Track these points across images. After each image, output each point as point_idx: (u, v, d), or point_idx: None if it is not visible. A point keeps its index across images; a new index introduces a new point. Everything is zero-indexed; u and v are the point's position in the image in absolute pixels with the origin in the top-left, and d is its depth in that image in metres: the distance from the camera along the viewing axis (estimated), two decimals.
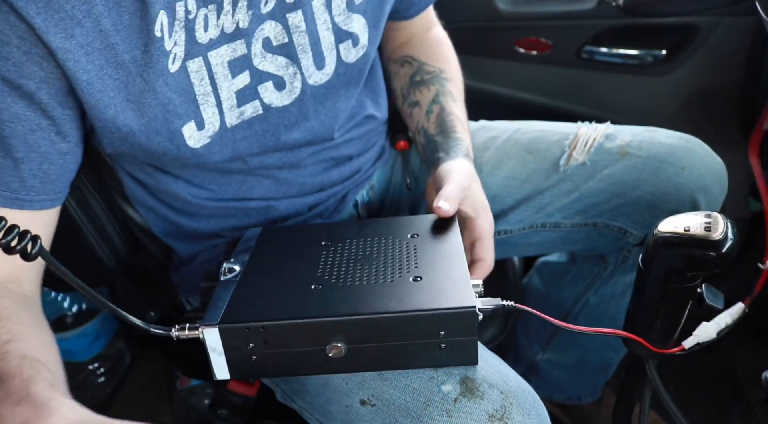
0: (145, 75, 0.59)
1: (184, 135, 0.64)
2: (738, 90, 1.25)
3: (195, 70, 0.62)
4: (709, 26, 1.22)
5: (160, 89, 0.60)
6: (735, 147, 1.27)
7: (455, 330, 0.53)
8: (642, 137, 0.84)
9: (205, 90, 0.63)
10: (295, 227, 0.79)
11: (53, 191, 0.62)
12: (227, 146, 0.68)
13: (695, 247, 0.56)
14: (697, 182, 0.79)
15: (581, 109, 1.35)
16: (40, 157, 0.59)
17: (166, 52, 0.59)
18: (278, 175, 0.77)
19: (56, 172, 0.61)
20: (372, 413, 0.59)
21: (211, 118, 0.65)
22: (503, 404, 0.55)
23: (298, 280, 0.59)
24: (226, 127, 0.66)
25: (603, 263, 0.94)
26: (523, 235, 0.89)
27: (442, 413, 0.55)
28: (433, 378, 0.57)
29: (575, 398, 1.14)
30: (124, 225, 0.90)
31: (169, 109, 0.62)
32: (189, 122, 0.64)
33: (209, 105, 0.64)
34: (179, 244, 0.84)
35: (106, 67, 0.57)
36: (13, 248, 0.42)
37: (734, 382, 1.26)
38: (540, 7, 1.34)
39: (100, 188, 0.86)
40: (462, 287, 0.55)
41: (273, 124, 0.70)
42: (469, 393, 0.55)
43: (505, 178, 0.87)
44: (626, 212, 0.83)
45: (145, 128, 0.62)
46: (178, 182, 0.75)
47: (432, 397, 0.56)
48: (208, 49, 0.62)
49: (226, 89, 0.64)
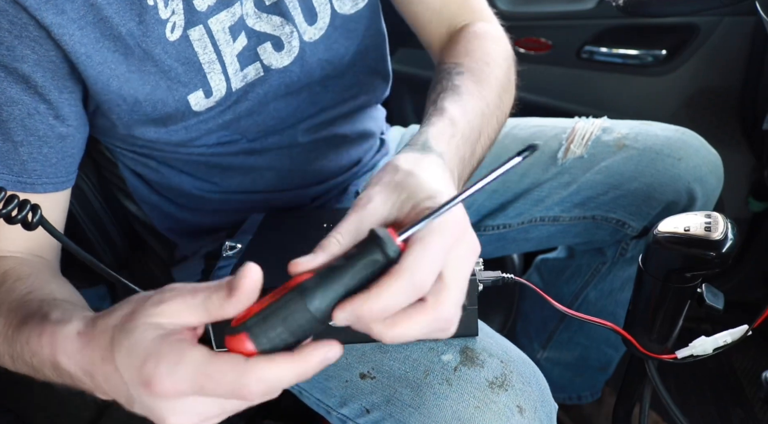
0: (144, 44, 0.59)
1: (190, 102, 0.64)
2: (738, 90, 1.25)
3: (197, 38, 0.62)
4: (709, 26, 1.22)
5: (159, 57, 0.60)
6: (735, 147, 1.27)
7: None
8: (638, 130, 0.85)
9: (210, 58, 0.63)
10: (297, 212, 0.79)
11: (54, 175, 0.62)
12: (229, 109, 0.68)
13: (695, 247, 0.56)
14: (693, 173, 0.80)
15: (581, 109, 1.35)
16: (39, 141, 0.59)
17: (161, 20, 0.59)
18: (279, 164, 0.77)
19: (56, 156, 0.61)
20: (372, 386, 0.59)
21: (218, 85, 0.65)
22: (503, 372, 0.55)
23: (300, 254, 0.59)
24: (232, 91, 0.67)
25: (601, 257, 0.95)
26: (521, 229, 0.89)
27: (442, 382, 0.55)
28: (433, 349, 0.58)
29: (575, 397, 1.14)
30: (123, 222, 0.90)
31: (171, 77, 0.62)
32: (196, 91, 0.64)
33: (216, 72, 0.64)
34: (182, 239, 0.84)
35: (102, 39, 0.57)
36: (14, 218, 0.42)
37: (734, 382, 1.26)
38: (540, 7, 1.34)
39: (99, 185, 0.86)
40: None
41: (274, 85, 0.70)
42: (469, 362, 0.56)
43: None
44: (624, 203, 0.83)
45: (150, 97, 0.62)
46: (181, 176, 0.75)
47: (432, 366, 0.56)
48: (208, 16, 0.62)
49: (228, 54, 0.64)
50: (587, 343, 1.05)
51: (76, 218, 0.82)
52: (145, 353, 0.37)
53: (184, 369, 0.36)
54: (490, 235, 0.91)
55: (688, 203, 0.81)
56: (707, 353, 0.60)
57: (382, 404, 0.58)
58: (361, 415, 0.60)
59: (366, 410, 0.59)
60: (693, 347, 0.60)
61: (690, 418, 0.69)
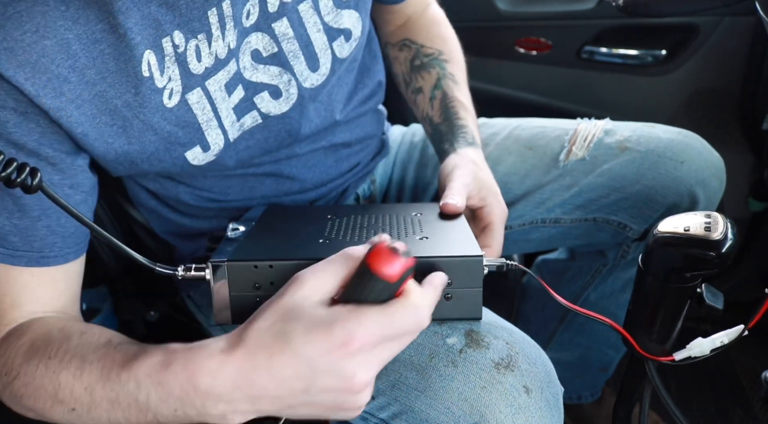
0: (141, 116, 0.59)
1: (188, 158, 0.64)
2: (738, 90, 1.25)
3: (195, 101, 0.61)
4: (709, 26, 1.22)
5: (158, 126, 0.60)
6: (735, 147, 1.27)
7: (462, 279, 0.53)
8: (641, 132, 0.84)
9: (207, 117, 0.63)
10: (299, 206, 0.79)
11: (74, 243, 0.62)
12: (231, 157, 0.68)
13: (695, 247, 0.56)
14: (695, 176, 0.80)
15: (581, 109, 1.35)
16: (56, 213, 0.59)
17: (158, 89, 0.58)
18: (278, 172, 0.77)
19: (74, 225, 0.61)
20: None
21: (216, 140, 0.65)
22: (509, 353, 0.55)
23: (306, 235, 0.60)
24: (230, 142, 0.66)
25: (602, 259, 0.95)
26: (523, 231, 0.89)
27: (447, 364, 0.55)
28: (438, 332, 0.58)
29: (575, 398, 1.14)
30: (124, 224, 0.90)
31: (171, 141, 0.62)
32: (193, 148, 0.64)
33: (212, 128, 0.64)
34: (181, 242, 0.84)
35: (98, 115, 0.57)
36: (14, 181, 0.42)
37: (734, 382, 1.26)
38: (540, 7, 1.34)
39: (100, 187, 0.87)
40: (467, 241, 0.57)
41: (274, 130, 0.70)
42: (475, 344, 0.56)
43: (505, 173, 0.87)
44: (625, 206, 0.83)
45: (148, 159, 0.62)
46: (179, 187, 0.75)
47: (437, 350, 0.56)
48: (205, 78, 0.61)
49: (225, 109, 0.64)
50: (588, 344, 1.05)
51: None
52: (326, 323, 0.42)
53: (372, 322, 0.42)
54: None
55: (690, 206, 0.81)
56: (705, 355, 0.60)
57: (387, 389, 0.58)
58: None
59: (371, 396, 0.59)
60: (690, 349, 0.60)
61: (690, 418, 0.69)
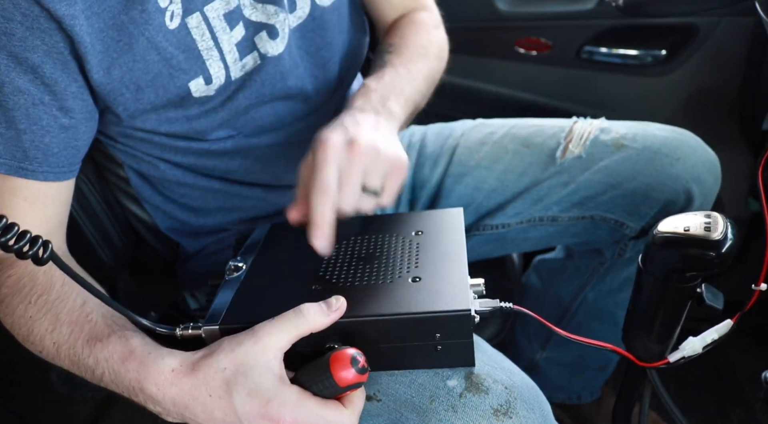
0: (147, 33, 0.61)
1: (191, 89, 0.66)
2: (738, 90, 1.25)
3: (195, 25, 0.64)
4: (709, 26, 1.22)
5: (161, 46, 0.62)
6: (735, 147, 1.27)
7: (450, 333, 0.53)
8: (636, 130, 0.85)
9: (207, 44, 0.65)
10: (301, 227, 0.79)
11: (56, 164, 0.63)
12: (228, 100, 0.70)
13: (695, 247, 0.56)
14: (691, 173, 0.81)
15: (581, 109, 1.35)
16: (41, 130, 0.61)
17: (161, 9, 0.61)
18: (274, 156, 0.78)
19: (58, 146, 0.62)
20: (378, 408, 0.59)
21: (218, 73, 0.67)
22: (508, 399, 0.55)
23: (300, 280, 0.60)
24: (231, 80, 0.68)
25: (599, 258, 0.95)
26: (521, 229, 0.90)
27: (447, 408, 0.55)
28: (438, 373, 0.58)
29: (575, 397, 1.14)
30: (123, 223, 0.90)
31: (173, 65, 0.64)
32: (197, 78, 0.66)
33: (214, 59, 0.66)
34: (185, 239, 0.85)
35: (106, 29, 0.59)
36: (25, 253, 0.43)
37: (734, 382, 1.26)
38: (540, 7, 1.34)
39: (99, 186, 0.87)
40: (460, 289, 0.54)
41: (270, 73, 0.71)
42: (474, 388, 0.56)
43: (503, 171, 0.88)
44: (622, 203, 0.84)
45: (152, 84, 0.64)
46: (177, 170, 0.76)
47: (437, 392, 0.56)
48: (204, 3, 0.64)
49: (226, 42, 0.66)
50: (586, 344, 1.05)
51: (76, 219, 0.82)
52: (267, 395, 0.48)
53: (305, 412, 0.48)
54: (489, 235, 0.92)
55: (686, 203, 0.82)
56: (697, 352, 0.60)
57: None
58: None
59: None
60: (683, 350, 0.60)
61: (690, 418, 0.69)
